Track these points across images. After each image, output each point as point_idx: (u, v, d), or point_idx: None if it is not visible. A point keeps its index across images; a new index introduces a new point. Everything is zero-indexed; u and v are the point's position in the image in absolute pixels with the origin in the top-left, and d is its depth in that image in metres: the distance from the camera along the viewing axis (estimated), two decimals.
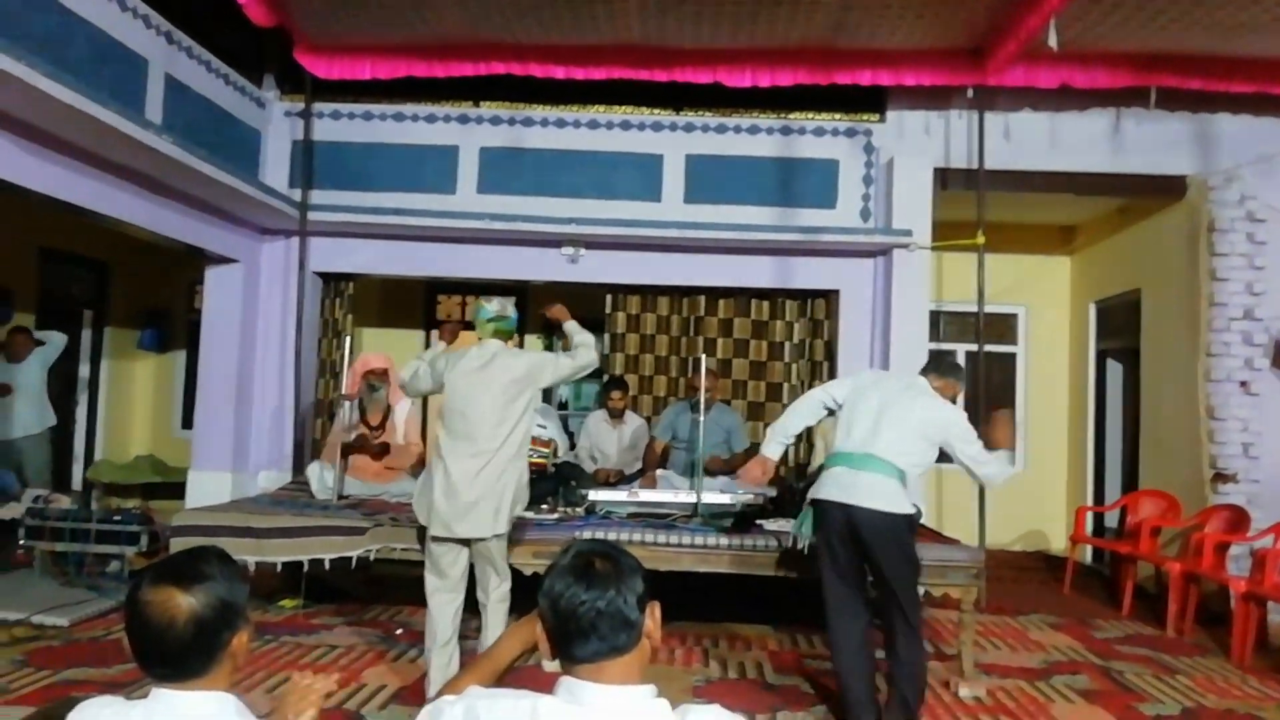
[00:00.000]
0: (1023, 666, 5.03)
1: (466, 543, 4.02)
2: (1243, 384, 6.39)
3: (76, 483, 8.38)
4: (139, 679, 3.93)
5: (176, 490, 7.48)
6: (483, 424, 3.97)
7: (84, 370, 8.59)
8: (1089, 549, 7.84)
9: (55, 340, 7.11)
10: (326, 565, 4.99)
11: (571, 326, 4.41)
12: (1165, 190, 7.00)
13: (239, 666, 1.63)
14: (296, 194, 7.00)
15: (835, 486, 3.85)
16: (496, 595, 4.09)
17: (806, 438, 7.31)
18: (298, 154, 7.26)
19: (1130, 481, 7.72)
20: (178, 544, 4.80)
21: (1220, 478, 6.36)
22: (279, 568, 5.11)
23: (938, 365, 4.18)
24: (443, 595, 4.04)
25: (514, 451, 4.02)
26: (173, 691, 1.53)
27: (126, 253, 8.41)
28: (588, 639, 1.43)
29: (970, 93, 6.62)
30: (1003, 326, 8.75)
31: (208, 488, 6.87)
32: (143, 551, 5.90)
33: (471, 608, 4.09)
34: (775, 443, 4.17)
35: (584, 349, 4.31)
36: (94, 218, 5.63)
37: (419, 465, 6.07)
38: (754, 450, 6.92)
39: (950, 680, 4.58)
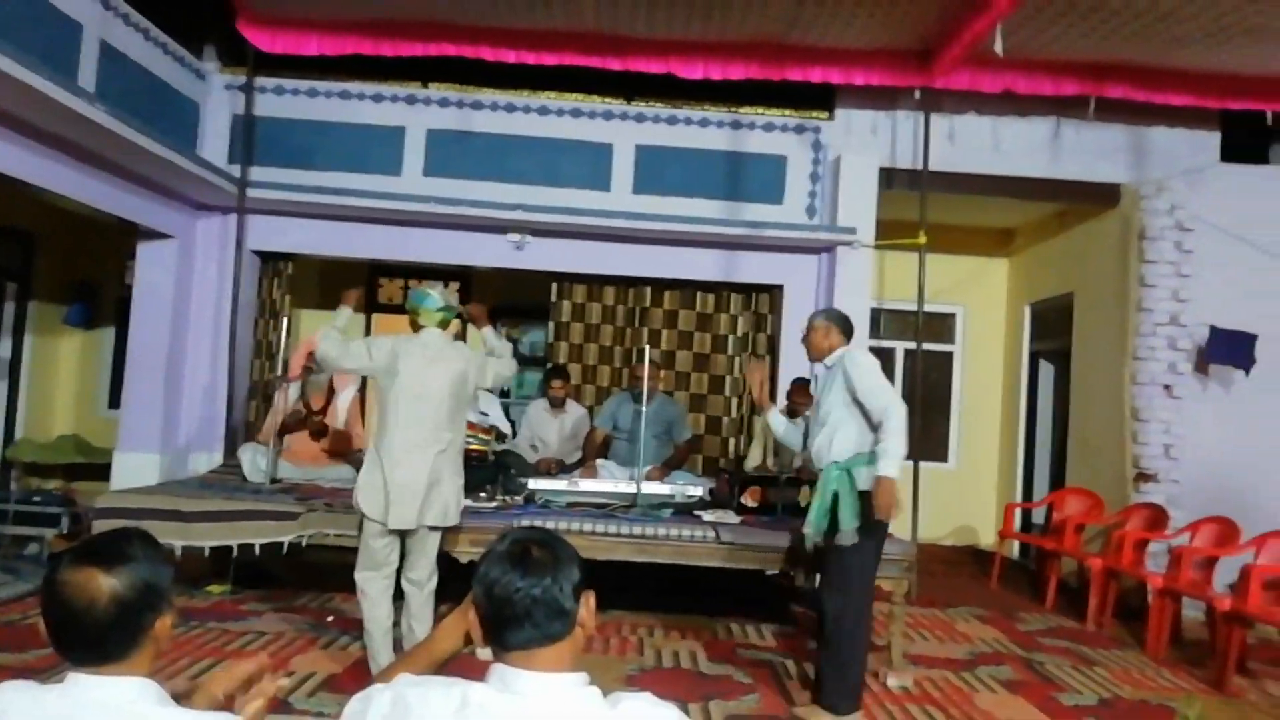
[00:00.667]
0: (949, 657, 5.15)
1: (404, 533, 3.97)
2: (1166, 387, 6.61)
3: None
4: (56, 665, 3.81)
5: (101, 472, 7.25)
6: (440, 412, 3.99)
7: (6, 345, 8.27)
8: (1016, 544, 8.06)
9: None
10: (257, 551, 4.90)
11: (489, 333, 4.38)
12: (1100, 197, 7.21)
13: (161, 651, 1.58)
14: (236, 170, 6.82)
15: None
16: (431, 587, 4.09)
17: (746, 430, 7.40)
18: (238, 129, 7.07)
19: (1058, 479, 7.94)
20: (100, 526, 4.66)
21: (1142, 477, 6.58)
22: (207, 552, 5.00)
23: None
24: (380, 584, 4.01)
25: (463, 442, 4.08)
26: (90, 676, 1.48)
27: (54, 224, 8.10)
28: (521, 626, 1.43)
29: (917, 94, 6.72)
30: (941, 326, 8.92)
31: (134, 470, 6.67)
32: (63, 534, 5.73)
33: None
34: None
35: (505, 360, 4.33)
36: (20, 186, 5.41)
37: (355, 453, 5.99)
38: (695, 442, 7.03)
39: (879, 670, 4.67)
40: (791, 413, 6.26)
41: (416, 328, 4.18)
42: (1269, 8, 5.27)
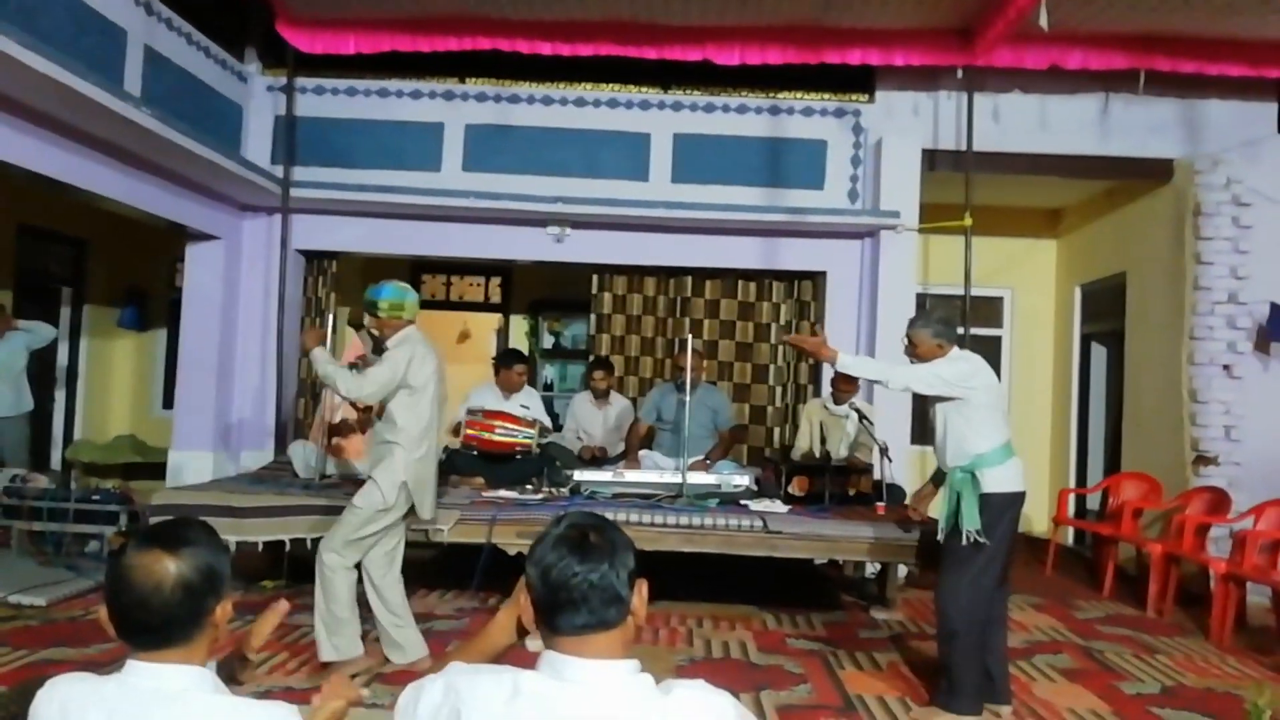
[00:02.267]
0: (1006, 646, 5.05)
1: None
2: (1226, 367, 6.42)
3: (55, 463, 8.29)
4: (117, 658, 3.89)
5: (157, 471, 7.41)
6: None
7: (63, 349, 8.48)
8: (1071, 530, 7.89)
9: (41, 333, 6.95)
10: (309, 544, 4.95)
11: (318, 355, 4.20)
12: (1152, 174, 7.01)
13: (219, 642, 1.60)
14: (278, 170, 6.91)
15: (1020, 476, 3.98)
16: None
17: (791, 419, 7.33)
18: (280, 129, 7.16)
19: (1113, 464, 7.76)
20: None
21: (1202, 460, 6.40)
22: (260, 547, 5.08)
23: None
24: (350, 567, 4.14)
25: None
26: (148, 664, 1.50)
27: (106, 229, 8.29)
28: (577, 610, 1.41)
29: (959, 73, 6.58)
30: (989, 309, 8.75)
31: (188, 468, 6.81)
32: (121, 531, 5.84)
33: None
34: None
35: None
36: (72, 192, 5.54)
37: None
38: (740, 430, 6.98)
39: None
40: (836, 400, 6.20)
41: (398, 325, 4.23)
42: None
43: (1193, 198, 6.58)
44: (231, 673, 1.82)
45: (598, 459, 6.42)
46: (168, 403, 8.37)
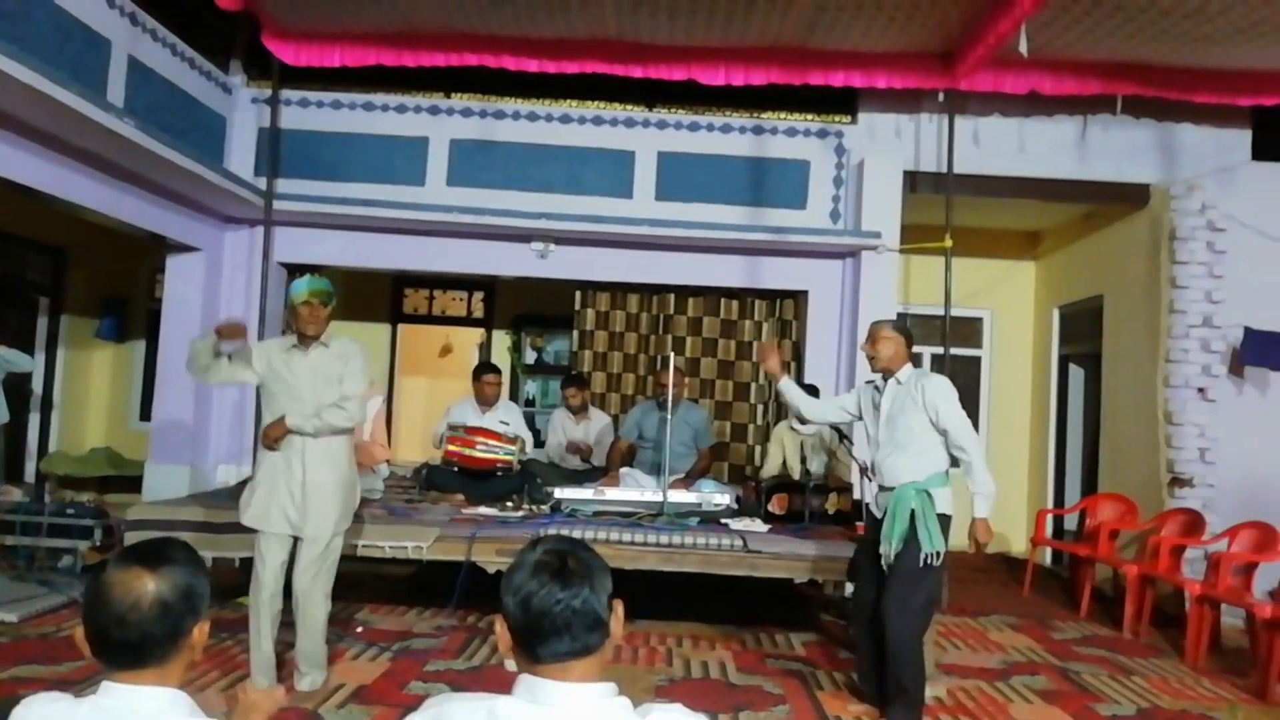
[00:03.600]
0: (982, 667, 5.07)
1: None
2: (1200, 390, 6.49)
3: (29, 476, 8.18)
4: (90, 677, 3.84)
5: (133, 484, 7.33)
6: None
7: (40, 359, 8.38)
8: (1049, 551, 7.94)
9: (18, 362, 6.69)
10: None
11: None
12: (1129, 198, 7.11)
13: (195, 662, 1.59)
14: (262, 182, 6.89)
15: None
16: None
17: (763, 446, 7.34)
18: (264, 141, 7.14)
19: (1090, 485, 7.82)
20: (132, 538, 4.70)
21: (1177, 482, 6.46)
22: (237, 564, 5.03)
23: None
24: None
25: None
26: (124, 685, 1.49)
27: (85, 239, 8.22)
28: (560, 638, 1.40)
29: (940, 97, 6.66)
30: (969, 330, 8.83)
31: (165, 482, 6.74)
32: (96, 546, 5.77)
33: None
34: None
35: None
36: (51, 202, 5.50)
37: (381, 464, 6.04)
38: (720, 448, 7.00)
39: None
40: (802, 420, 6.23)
41: (323, 323, 4.02)
42: None
43: (1168, 222, 6.67)
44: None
45: (581, 451, 6.45)
46: (145, 415, 8.28)
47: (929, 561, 3.85)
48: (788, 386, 4.43)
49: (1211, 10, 5.35)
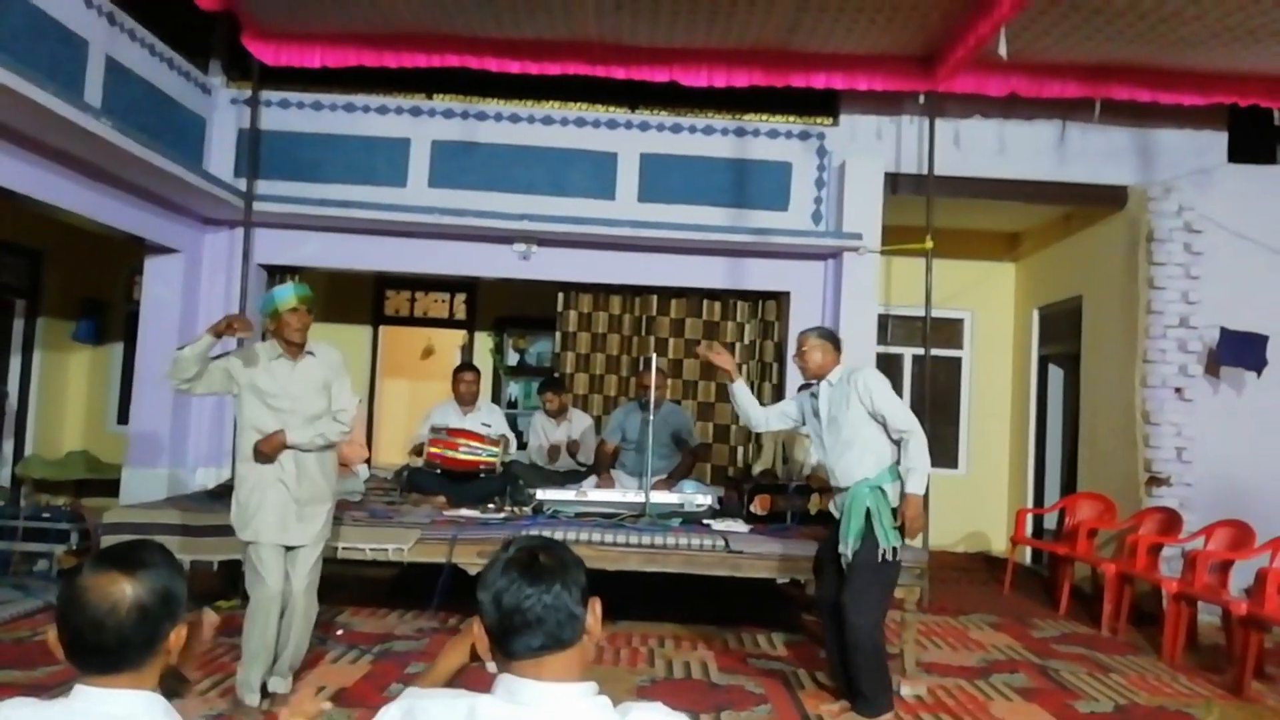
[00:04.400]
0: (963, 665, 5.10)
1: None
2: (1177, 390, 6.56)
3: (4, 479, 8.08)
4: (64, 682, 3.80)
5: (110, 488, 7.26)
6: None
7: (15, 362, 8.30)
8: (1029, 550, 8.00)
9: None
10: None
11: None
12: (1107, 200, 7.17)
13: (170, 665, 1.57)
14: (241, 183, 6.84)
15: None
16: None
17: (756, 440, 7.36)
18: (244, 142, 7.09)
19: (1070, 484, 7.89)
20: (108, 542, 4.64)
21: (1154, 481, 6.52)
22: (215, 567, 5.00)
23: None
24: None
25: None
26: (97, 689, 1.47)
27: (62, 240, 8.14)
28: (532, 633, 1.40)
29: (921, 99, 6.70)
30: (949, 331, 8.88)
31: (142, 485, 6.68)
32: (72, 550, 5.72)
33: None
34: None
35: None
36: (28, 203, 5.44)
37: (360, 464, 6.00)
38: (701, 449, 7.00)
39: (893, 679, 4.62)
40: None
41: (308, 329, 4.00)
42: (1272, 7, 5.25)
43: (1146, 224, 6.74)
44: (171, 688, 1.78)
45: (561, 451, 6.49)
46: (123, 418, 8.21)
47: (886, 557, 3.95)
48: (740, 390, 4.50)
49: (1187, 14, 5.42)
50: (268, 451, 3.89)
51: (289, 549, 3.95)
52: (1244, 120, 6.94)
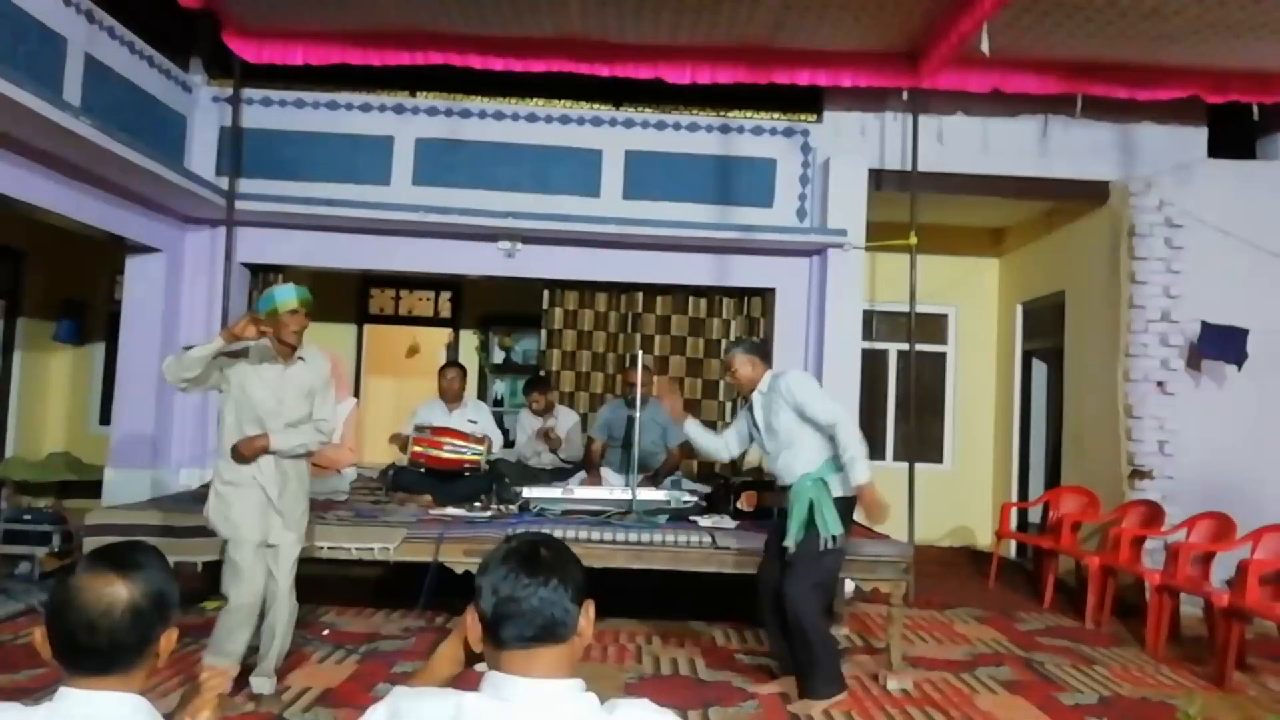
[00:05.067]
0: (949, 659, 5.13)
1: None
2: (1159, 384, 6.61)
3: None
4: (48, 685, 3.77)
5: (93, 489, 7.20)
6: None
7: None
8: (1013, 544, 8.05)
9: None
10: None
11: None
12: (1089, 195, 7.22)
13: (158, 668, 1.56)
14: (223, 182, 6.79)
15: None
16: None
17: None
18: (226, 141, 7.04)
19: (1054, 478, 7.94)
20: (91, 543, 4.62)
21: (1137, 474, 6.57)
22: (199, 568, 4.97)
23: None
24: None
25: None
26: (82, 691, 1.46)
27: (43, 240, 8.06)
28: (525, 623, 1.41)
29: (904, 95, 6.72)
30: (934, 326, 8.93)
31: (125, 486, 6.62)
32: (54, 552, 5.67)
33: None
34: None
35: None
36: (8, 203, 5.38)
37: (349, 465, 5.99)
38: (689, 447, 7.00)
39: (879, 673, 4.65)
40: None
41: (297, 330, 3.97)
42: (1251, 4, 5.29)
43: (1127, 219, 6.78)
44: None
45: (550, 441, 6.51)
46: (105, 419, 8.15)
47: (827, 545, 4.12)
48: (693, 429, 4.70)
49: (1167, 11, 5.46)
50: (247, 455, 3.87)
51: (269, 546, 3.94)
52: (1223, 116, 6.99)
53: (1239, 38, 5.75)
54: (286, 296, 3.91)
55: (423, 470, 5.94)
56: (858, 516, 4.34)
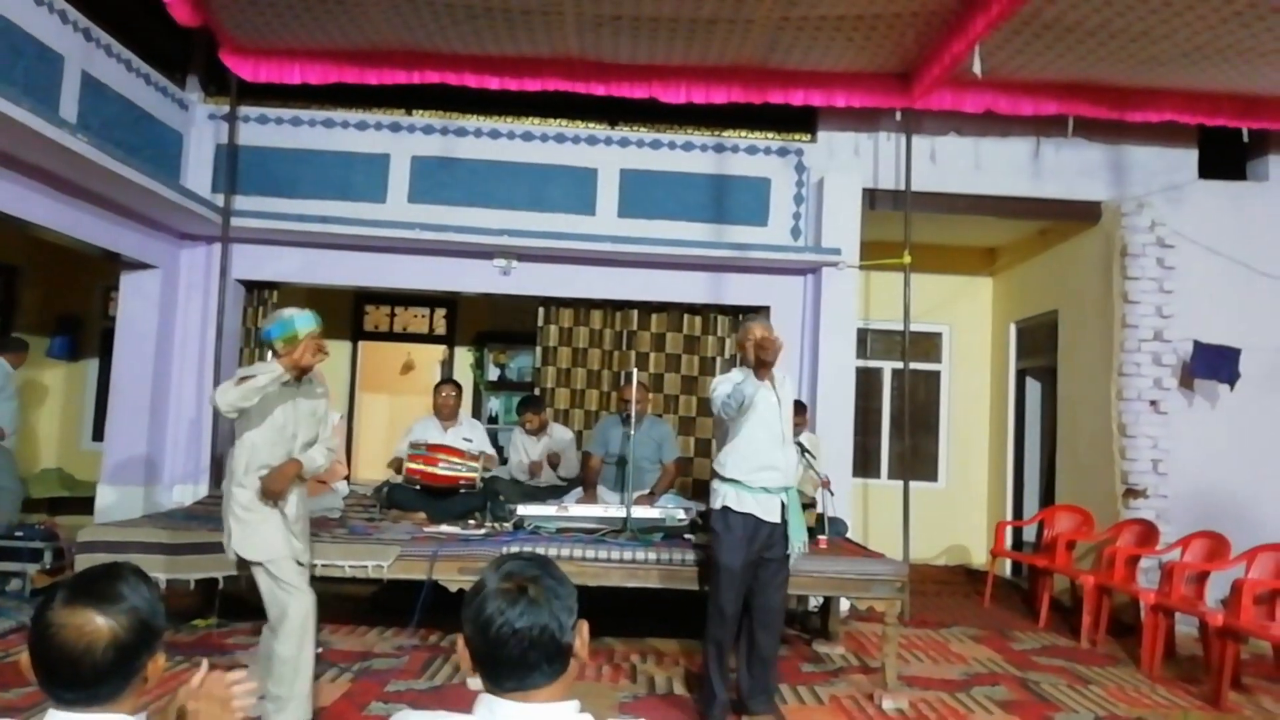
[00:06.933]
0: (944, 678, 5.12)
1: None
2: (1152, 403, 6.64)
3: None
4: (38, 704, 3.74)
5: (85, 505, 7.17)
6: None
7: None
8: (1008, 563, 8.04)
9: None
10: (243, 583, 4.82)
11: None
12: (1081, 215, 7.26)
13: (147, 690, 1.54)
14: (219, 199, 6.80)
15: None
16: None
17: None
18: (221, 158, 7.06)
19: (1048, 497, 7.94)
20: (83, 561, 4.60)
21: (1131, 493, 6.58)
22: (192, 585, 4.94)
23: None
24: None
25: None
26: (70, 713, 1.44)
27: (38, 256, 8.07)
28: (519, 668, 1.38)
29: (898, 115, 6.77)
30: (928, 345, 8.95)
31: (118, 503, 6.60)
32: (46, 569, 5.63)
33: None
34: None
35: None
36: (3, 219, 5.38)
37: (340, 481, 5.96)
38: (684, 463, 7.00)
39: (874, 692, 4.63)
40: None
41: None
42: (1240, 29, 5.35)
43: (1119, 239, 6.83)
44: None
45: (544, 466, 6.44)
46: (98, 435, 8.12)
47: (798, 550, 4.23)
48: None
49: (1157, 34, 5.51)
50: (282, 489, 3.79)
51: (299, 565, 3.93)
52: (1214, 137, 7.05)
53: (1228, 61, 5.80)
54: (308, 322, 3.85)
55: (418, 487, 5.92)
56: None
